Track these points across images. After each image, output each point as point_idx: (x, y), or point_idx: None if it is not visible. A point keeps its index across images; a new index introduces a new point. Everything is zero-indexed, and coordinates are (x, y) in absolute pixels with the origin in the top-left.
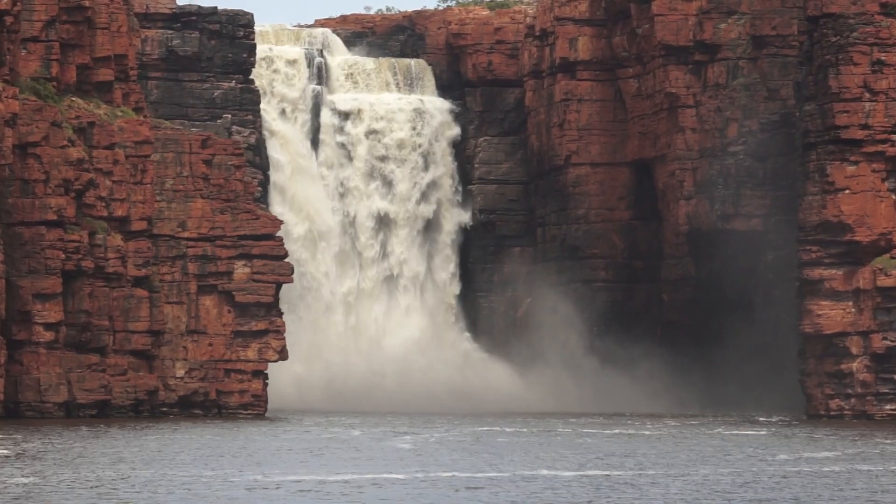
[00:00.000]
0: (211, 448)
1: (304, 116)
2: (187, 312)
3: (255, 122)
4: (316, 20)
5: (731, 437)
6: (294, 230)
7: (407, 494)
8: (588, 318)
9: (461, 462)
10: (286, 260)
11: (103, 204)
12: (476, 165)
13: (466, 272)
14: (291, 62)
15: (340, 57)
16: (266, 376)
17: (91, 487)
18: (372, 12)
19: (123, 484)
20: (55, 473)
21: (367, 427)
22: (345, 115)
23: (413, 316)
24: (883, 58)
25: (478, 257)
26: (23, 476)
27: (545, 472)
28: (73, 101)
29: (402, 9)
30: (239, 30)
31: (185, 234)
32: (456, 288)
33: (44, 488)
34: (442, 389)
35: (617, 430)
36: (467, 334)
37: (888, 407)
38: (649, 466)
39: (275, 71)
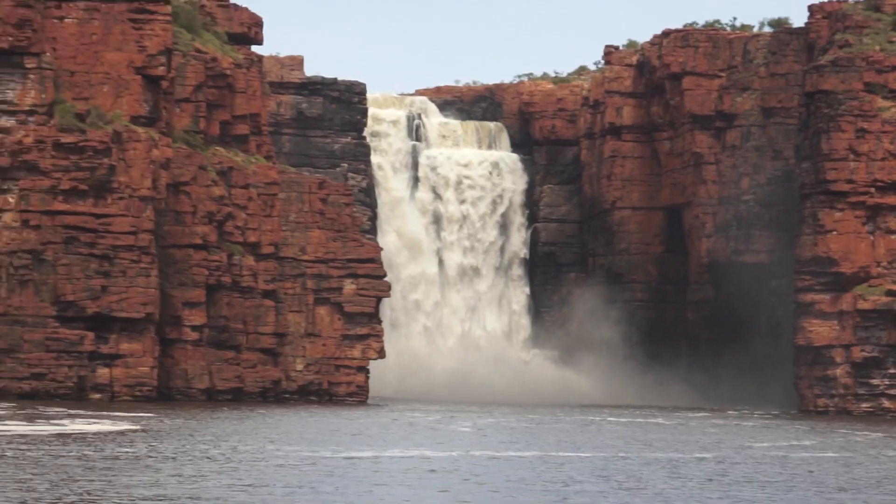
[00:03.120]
0: (322, 427)
1: (405, 166)
2: (306, 319)
3: (367, 170)
4: (416, 90)
5: (736, 426)
6: (396, 258)
7: (458, 468)
8: (628, 330)
9: (514, 442)
10: (385, 279)
11: (239, 232)
12: (541, 208)
13: (533, 292)
14: (395, 123)
15: (435, 119)
16: (368, 371)
17: (225, 460)
18: (460, 84)
19: (250, 455)
20: (197, 444)
21: (442, 413)
22: (437, 166)
23: (490, 326)
24: (865, 126)
25: (542, 281)
26: (173, 443)
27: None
28: (216, 149)
29: (485, 82)
30: (354, 96)
31: (305, 257)
32: (525, 304)
33: (190, 455)
34: (511, 384)
35: (642, 420)
36: (532, 341)
37: (864, 405)
38: (661, 450)
39: (382, 129)
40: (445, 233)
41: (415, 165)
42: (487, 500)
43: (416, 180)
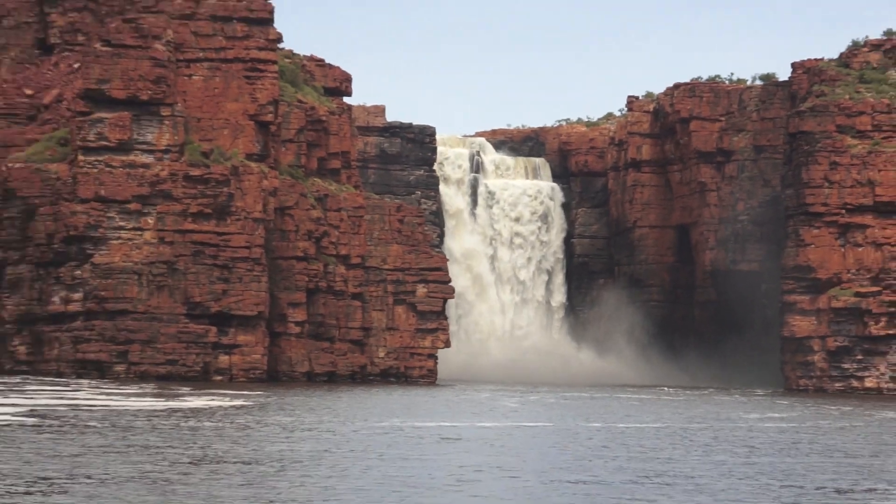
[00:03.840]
0: (399, 403)
1: (467, 194)
2: (386, 316)
3: (436, 197)
4: (476, 132)
5: (732, 402)
6: (458, 267)
7: (508, 435)
8: (647, 326)
9: (546, 415)
10: (449, 284)
11: (333, 246)
12: (577, 227)
13: (569, 294)
14: (459, 158)
15: (491, 156)
16: (436, 357)
17: (326, 430)
18: (511, 127)
19: (344, 426)
20: (302, 416)
21: (493, 392)
22: (493, 193)
23: (536, 322)
24: (837, 160)
25: (576, 285)
26: (282, 416)
27: (616, 424)
28: (314, 180)
29: (531, 125)
30: (426, 137)
31: (386, 266)
32: (563, 305)
33: (297, 426)
34: (551, 369)
35: (655, 397)
36: (569, 334)
37: (837, 384)
38: (671, 421)
39: (449, 164)
40: (499, 246)
41: (474, 193)
42: (524, 459)
43: (475, 204)
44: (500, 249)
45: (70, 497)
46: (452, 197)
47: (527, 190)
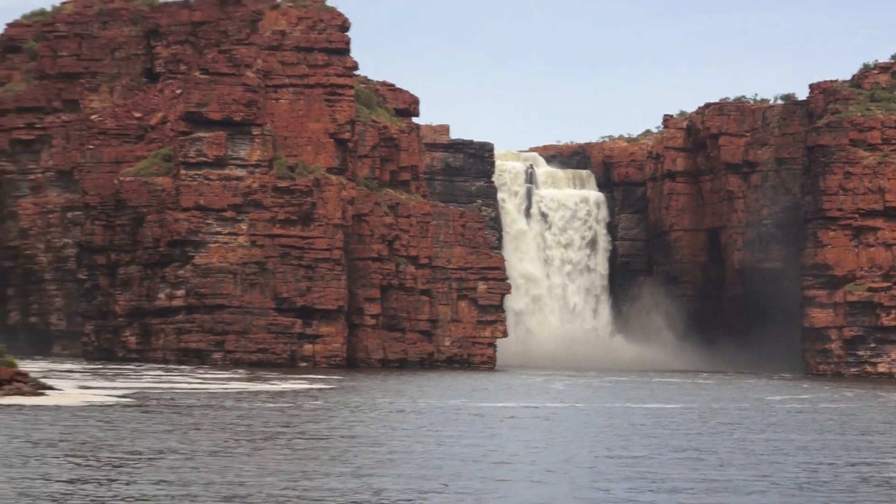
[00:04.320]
0: (463, 386)
1: (522, 202)
2: (451, 309)
3: (494, 205)
4: (529, 147)
5: (758, 385)
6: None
7: (556, 414)
8: (681, 318)
9: (590, 396)
10: (506, 281)
11: (404, 248)
12: (619, 230)
13: (613, 291)
14: (515, 171)
15: (543, 168)
16: (495, 346)
17: (394, 408)
18: (561, 143)
19: (412, 403)
20: (377, 398)
21: (545, 376)
22: (545, 201)
23: (583, 315)
24: (850, 170)
25: (619, 283)
26: (357, 399)
27: (652, 405)
28: (387, 190)
29: (578, 141)
30: (485, 153)
31: (451, 266)
32: (607, 300)
33: (372, 407)
34: (597, 356)
35: (689, 381)
36: (612, 326)
37: (852, 370)
38: (702, 401)
39: (506, 176)
40: (550, 248)
41: (529, 201)
42: (570, 435)
43: (529, 211)
44: (552, 251)
45: (155, 470)
46: (509, 205)
47: (574, 198)
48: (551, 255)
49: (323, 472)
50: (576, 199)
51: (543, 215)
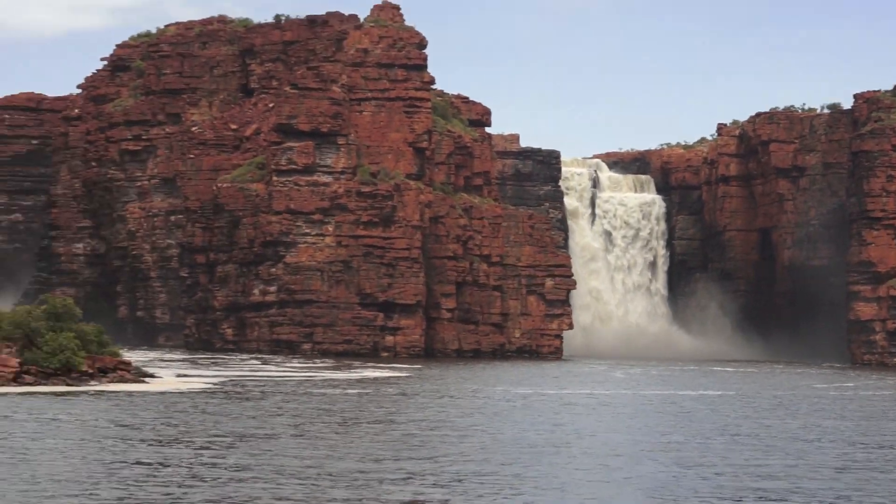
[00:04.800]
0: (532, 374)
1: (587, 205)
2: (520, 304)
3: (561, 207)
4: (593, 154)
5: (808, 374)
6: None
7: (611, 402)
8: (735, 311)
9: (647, 384)
10: (572, 278)
11: (477, 248)
12: (676, 231)
13: (670, 286)
14: (580, 176)
15: (606, 173)
16: (562, 337)
17: (469, 395)
18: (622, 150)
19: (485, 391)
20: (454, 384)
21: (606, 366)
22: (608, 203)
23: (643, 308)
24: (893, 174)
25: (677, 279)
26: (433, 386)
27: (702, 392)
28: (461, 195)
29: (638, 148)
30: (552, 159)
31: (521, 264)
32: (665, 294)
33: (454, 396)
34: (656, 348)
35: (743, 370)
36: (670, 319)
37: (895, 360)
38: (751, 389)
39: (572, 181)
40: (613, 247)
41: (593, 203)
42: (628, 419)
43: (594, 213)
44: (614, 249)
45: (233, 451)
46: (575, 207)
47: (636, 201)
48: (613, 257)
49: (394, 455)
50: (636, 201)
51: (606, 217)
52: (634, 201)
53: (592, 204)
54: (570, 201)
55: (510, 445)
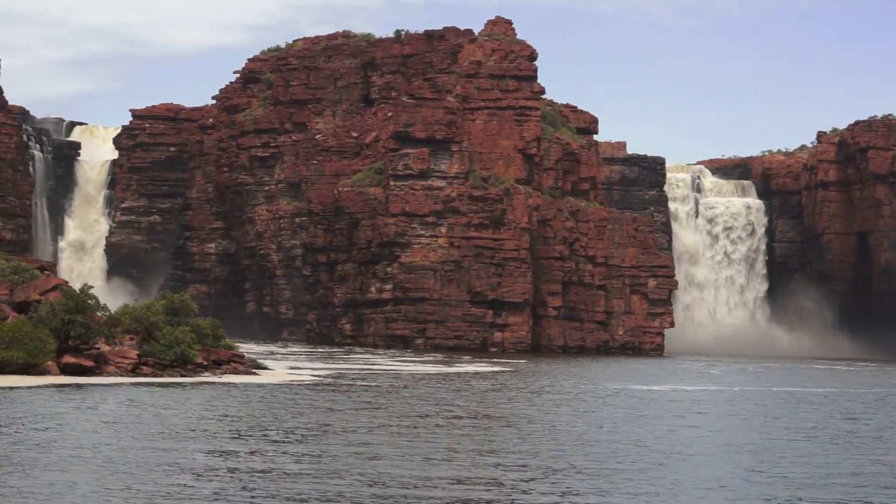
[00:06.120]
0: (635, 370)
1: (690, 208)
2: (624, 303)
3: (665, 211)
4: (697, 160)
5: None
6: (685, 264)
7: (704, 398)
8: (833, 311)
9: (743, 380)
10: (674, 278)
11: (583, 249)
12: (777, 234)
13: (771, 287)
14: (684, 181)
15: (709, 179)
16: (664, 335)
17: (574, 390)
18: (725, 157)
19: (590, 386)
20: (556, 380)
21: (705, 362)
22: (711, 207)
23: (744, 308)
24: None
25: (777, 280)
26: (542, 378)
27: (796, 389)
28: (569, 199)
29: (740, 155)
30: (657, 165)
31: (624, 265)
32: (765, 295)
33: (549, 389)
34: (756, 345)
35: (840, 368)
36: (770, 318)
37: None
38: (841, 387)
39: (676, 186)
40: (716, 249)
41: (696, 208)
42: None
43: (697, 216)
44: (717, 251)
45: (304, 444)
46: (679, 211)
47: (737, 205)
48: (714, 259)
49: (465, 452)
50: (738, 205)
51: (709, 221)
52: (736, 205)
53: (696, 208)
54: (673, 205)
55: (614, 435)
